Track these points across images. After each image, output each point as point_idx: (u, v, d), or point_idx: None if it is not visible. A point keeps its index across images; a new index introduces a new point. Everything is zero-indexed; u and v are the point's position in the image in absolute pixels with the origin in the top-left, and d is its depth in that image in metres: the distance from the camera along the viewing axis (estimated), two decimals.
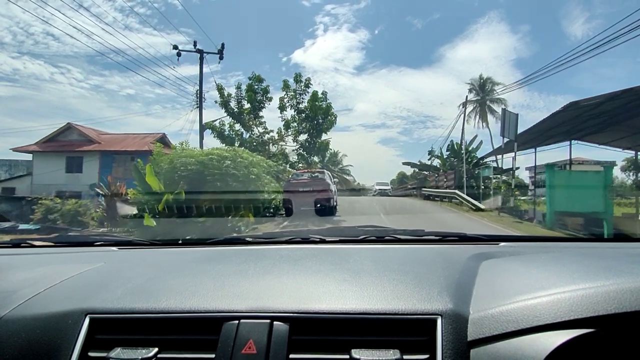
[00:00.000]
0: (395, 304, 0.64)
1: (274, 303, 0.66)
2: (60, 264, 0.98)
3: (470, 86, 33.02)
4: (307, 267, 0.88)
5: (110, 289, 0.74)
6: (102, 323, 0.65)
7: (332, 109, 14.17)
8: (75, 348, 0.62)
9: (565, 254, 1.00)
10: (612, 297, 0.57)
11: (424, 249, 1.09)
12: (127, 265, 0.95)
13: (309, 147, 14.36)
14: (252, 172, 7.09)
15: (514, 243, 1.13)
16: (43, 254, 1.14)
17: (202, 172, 6.67)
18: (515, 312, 0.58)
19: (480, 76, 32.88)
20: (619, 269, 0.70)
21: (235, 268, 0.88)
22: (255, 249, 1.15)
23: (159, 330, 0.64)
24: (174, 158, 7.05)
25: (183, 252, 1.12)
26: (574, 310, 0.56)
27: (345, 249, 1.09)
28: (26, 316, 0.67)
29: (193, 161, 6.78)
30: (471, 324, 0.59)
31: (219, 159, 6.78)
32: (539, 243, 1.23)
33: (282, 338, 0.59)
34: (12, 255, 1.10)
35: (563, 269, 0.76)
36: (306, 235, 1.19)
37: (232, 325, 0.61)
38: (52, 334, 0.64)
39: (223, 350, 0.59)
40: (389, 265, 0.85)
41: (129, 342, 0.62)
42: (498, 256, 0.91)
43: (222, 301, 0.67)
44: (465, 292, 0.68)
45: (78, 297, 0.71)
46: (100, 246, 1.21)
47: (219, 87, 14.41)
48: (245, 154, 7.57)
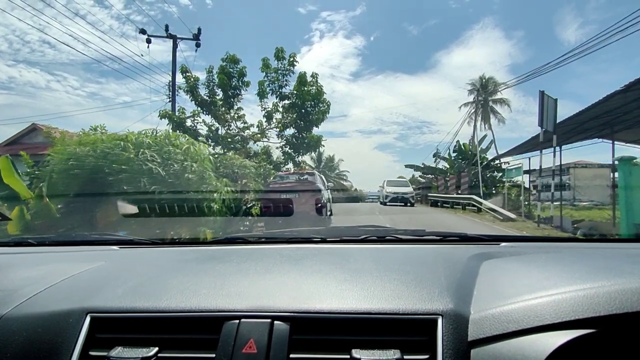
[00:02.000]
0: (395, 303, 0.64)
1: (274, 302, 0.65)
2: (61, 263, 0.98)
3: (471, 86, 31.31)
4: (308, 267, 0.87)
5: (111, 288, 0.73)
6: (102, 322, 0.65)
7: (324, 94, 11.26)
8: (76, 347, 0.61)
9: (567, 254, 0.99)
10: (614, 298, 0.56)
11: (425, 248, 1.09)
12: (128, 265, 0.95)
13: (296, 143, 11.54)
14: (192, 169, 4.36)
15: (515, 243, 1.13)
16: (44, 253, 1.15)
17: (101, 167, 3.95)
18: (516, 312, 0.58)
19: (481, 76, 31.13)
20: (621, 269, 0.71)
21: (236, 267, 0.89)
22: (256, 248, 1.16)
23: (160, 329, 0.63)
24: (71, 149, 4.32)
25: (184, 252, 1.11)
26: (575, 310, 0.56)
27: (346, 249, 1.08)
28: (27, 315, 0.67)
29: (89, 152, 4.06)
30: (472, 324, 0.59)
31: (129, 147, 4.06)
32: (540, 243, 1.24)
33: (283, 337, 0.59)
34: (13, 254, 1.10)
35: (564, 269, 0.76)
36: (307, 234, 1.22)
37: (233, 325, 0.61)
38: (53, 333, 0.64)
39: (223, 349, 0.58)
40: (389, 265, 0.85)
41: (130, 341, 0.62)
42: (499, 256, 0.90)
43: (223, 300, 0.67)
44: (466, 292, 0.67)
45: (79, 296, 0.71)
46: (101, 245, 1.22)
47: (183, 69, 11.46)
48: (184, 141, 4.85)
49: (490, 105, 30.32)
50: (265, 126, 12.00)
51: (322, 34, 55.99)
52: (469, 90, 31.38)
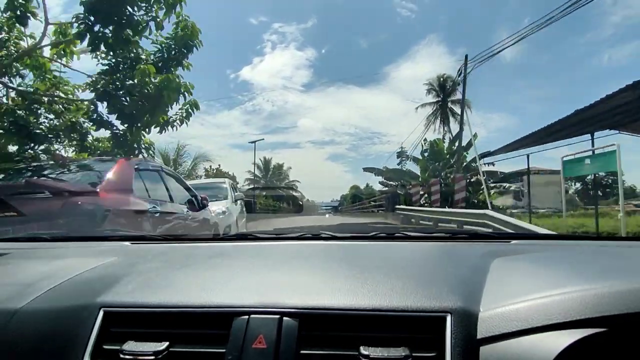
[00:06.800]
0: (404, 301, 0.61)
1: (283, 299, 0.64)
2: (75, 258, 0.97)
3: (429, 86, 27.63)
4: (317, 263, 0.86)
5: (123, 283, 0.73)
6: (115, 316, 0.64)
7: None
8: (90, 341, 0.60)
9: (577, 252, 0.99)
10: (624, 297, 0.55)
11: (434, 246, 1.09)
12: (140, 260, 0.94)
13: (112, 94, 4.68)
14: None
15: (525, 241, 1.11)
16: (57, 248, 1.18)
17: None
18: (526, 311, 0.56)
19: (439, 76, 27.62)
20: (632, 268, 0.73)
21: (246, 263, 0.89)
22: (266, 244, 1.15)
23: (171, 324, 0.62)
24: None
25: (194, 247, 1.13)
26: (585, 309, 0.54)
27: (355, 246, 1.08)
28: (43, 309, 0.66)
29: None
30: (481, 322, 0.57)
31: None
32: (550, 241, 1.21)
33: (292, 333, 0.58)
34: (27, 249, 1.13)
35: (575, 268, 0.76)
36: (317, 231, 1.20)
37: (243, 320, 0.60)
38: (68, 327, 0.63)
39: (234, 344, 0.57)
40: (399, 262, 0.85)
41: (141, 336, 0.61)
42: (509, 254, 0.88)
43: (233, 296, 0.66)
44: (475, 290, 0.65)
45: (93, 291, 0.70)
46: (113, 241, 1.26)
47: None
48: None
49: (449, 106, 26.76)
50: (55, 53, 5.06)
51: (274, 45, 56.09)
52: (426, 89, 27.52)
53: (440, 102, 26.35)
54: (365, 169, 17.99)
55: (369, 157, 56.77)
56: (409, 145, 42.90)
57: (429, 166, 14.58)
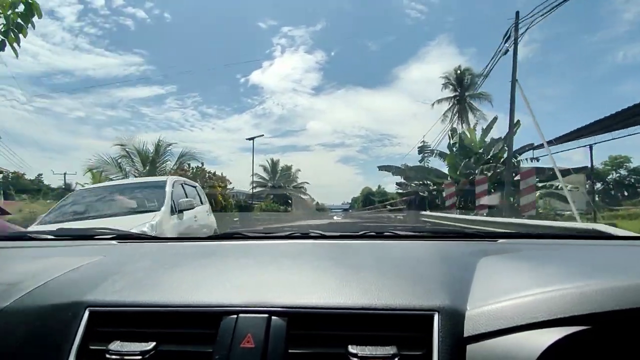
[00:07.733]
0: (392, 299, 0.63)
1: (272, 298, 0.64)
2: (60, 257, 0.96)
3: (445, 80, 25.44)
4: (305, 262, 0.87)
5: (109, 282, 0.73)
6: (101, 316, 0.65)
7: None
8: (76, 340, 0.61)
9: (563, 251, 1.00)
10: (609, 295, 0.56)
11: (423, 244, 1.10)
12: (127, 259, 0.94)
13: None
14: None
15: (512, 240, 1.11)
16: (43, 247, 1.16)
17: None
18: (512, 309, 0.58)
19: (456, 68, 25.43)
20: (617, 267, 0.74)
21: (235, 262, 0.88)
22: (255, 243, 1.15)
23: (158, 324, 0.63)
24: None
25: (182, 247, 1.13)
26: (569, 307, 0.56)
27: (344, 245, 1.08)
28: (27, 308, 0.67)
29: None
30: (468, 321, 0.58)
31: None
32: (537, 240, 1.18)
33: (280, 332, 0.59)
34: (13, 248, 1.12)
35: (560, 266, 0.77)
36: (306, 230, 1.21)
37: (231, 320, 0.60)
38: (53, 326, 0.63)
39: (222, 343, 0.58)
40: (387, 261, 0.86)
41: (128, 335, 0.61)
42: (496, 253, 0.89)
43: (221, 295, 0.67)
44: (462, 289, 0.66)
45: (78, 290, 0.70)
46: (100, 240, 1.23)
47: None
48: None
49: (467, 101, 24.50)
50: None
51: (284, 49, 54.22)
52: (442, 84, 25.35)
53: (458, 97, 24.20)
54: (381, 167, 15.86)
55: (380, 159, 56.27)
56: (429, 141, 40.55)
57: (458, 161, 12.32)
